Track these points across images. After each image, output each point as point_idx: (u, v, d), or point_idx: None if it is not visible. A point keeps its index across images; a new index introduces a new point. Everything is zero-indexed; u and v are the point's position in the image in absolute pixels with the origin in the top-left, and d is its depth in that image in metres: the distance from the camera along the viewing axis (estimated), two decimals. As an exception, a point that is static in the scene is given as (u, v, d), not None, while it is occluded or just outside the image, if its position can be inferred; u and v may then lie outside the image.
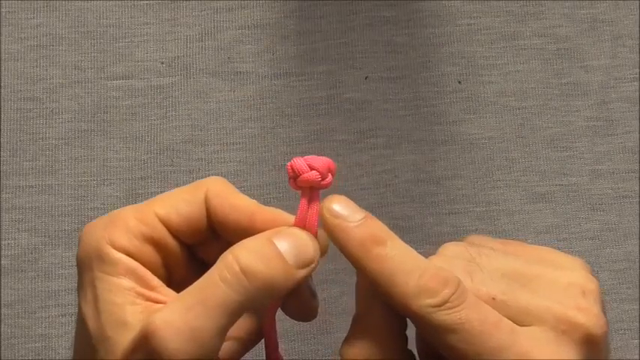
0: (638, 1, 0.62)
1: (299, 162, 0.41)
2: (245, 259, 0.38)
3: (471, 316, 0.38)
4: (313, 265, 0.41)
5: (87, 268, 0.41)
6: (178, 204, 0.42)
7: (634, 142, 0.59)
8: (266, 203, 0.58)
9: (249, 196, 0.58)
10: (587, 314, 0.39)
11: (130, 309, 0.39)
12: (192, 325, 0.37)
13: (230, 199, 0.42)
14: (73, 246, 0.57)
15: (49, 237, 0.58)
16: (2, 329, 0.56)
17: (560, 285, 0.40)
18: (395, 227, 0.58)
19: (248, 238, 0.40)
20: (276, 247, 0.40)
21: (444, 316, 0.38)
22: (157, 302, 0.39)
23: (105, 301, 0.39)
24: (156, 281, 0.40)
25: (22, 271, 0.57)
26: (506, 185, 0.59)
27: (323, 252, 0.42)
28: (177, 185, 0.58)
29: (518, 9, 0.62)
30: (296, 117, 0.60)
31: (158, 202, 0.42)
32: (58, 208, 0.58)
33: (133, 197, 0.58)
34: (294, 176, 0.41)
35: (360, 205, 0.58)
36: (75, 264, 0.57)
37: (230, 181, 0.58)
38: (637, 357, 0.56)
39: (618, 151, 0.59)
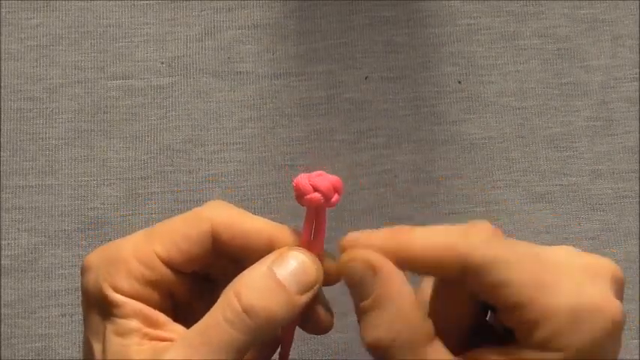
0: (638, 1, 0.62)
1: (303, 182, 0.41)
2: (246, 297, 0.38)
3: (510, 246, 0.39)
4: (316, 288, 0.41)
5: (93, 307, 0.41)
6: (180, 241, 0.41)
7: (634, 142, 0.59)
8: (266, 203, 0.58)
9: (249, 196, 0.58)
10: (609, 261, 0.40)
11: (136, 349, 0.39)
12: None
13: (242, 226, 0.42)
14: (73, 246, 0.57)
15: (49, 237, 0.58)
16: (2, 329, 0.56)
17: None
18: (395, 227, 0.58)
19: (249, 269, 0.40)
20: (277, 278, 0.39)
21: (497, 244, 0.39)
22: (164, 340, 0.40)
23: (112, 342, 0.39)
24: (162, 318, 0.40)
25: (22, 271, 0.57)
26: (506, 185, 0.59)
27: (332, 275, 0.42)
28: (177, 185, 0.58)
29: (518, 9, 0.62)
30: (296, 117, 0.60)
31: (158, 238, 0.41)
32: (58, 208, 0.58)
33: (133, 197, 0.58)
34: (298, 195, 0.41)
35: (360, 206, 0.58)
36: (75, 264, 0.57)
37: (230, 181, 0.59)
38: (637, 357, 0.56)
39: (618, 151, 0.59)
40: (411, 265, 0.40)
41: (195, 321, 0.40)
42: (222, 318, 0.38)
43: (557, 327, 0.38)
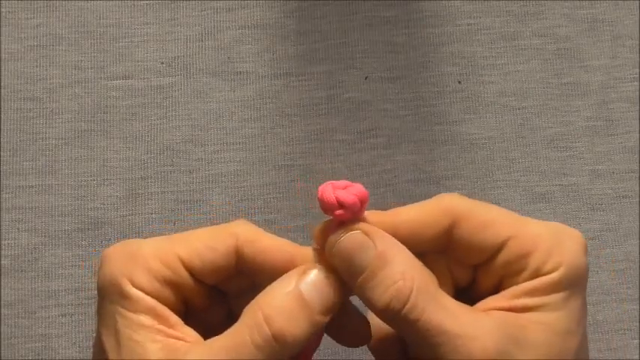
0: (638, 1, 0.62)
1: (328, 195, 0.40)
2: (277, 323, 0.38)
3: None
4: (338, 307, 0.41)
5: (108, 299, 0.41)
6: (203, 251, 0.42)
7: (634, 142, 0.59)
8: (266, 203, 0.58)
9: (249, 196, 0.58)
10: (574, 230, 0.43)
11: (151, 347, 0.39)
12: None
13: (264, 243, 0.42)
14: (73, 246, 0.57)
15: (49, 237, 0.58)
16: (2, 329, 0.56)
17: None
18: (395, 227, 0.58)
19: (275, 287, 0.40)
20: (305, 299, 0.39)
21: (470, 199, 0.43)
22: (177, 339, 0.40)
23: (125, 337, 0.39)
24: (174, 318, 0.41)
25: (22, 271, 0.57)
26: (506, 185, 0.59)
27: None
28: (177, 185, 0.58)
29: (518, 9, 0.62)
30: (296, 117, 0.60)
31: (182, 243, 0.42)
32: (58, 208, 0.58)
33: (133, 197, 0.58)
34: (324, 210, 0.41)
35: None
36: (75, 264, 0.57)
37: (230, 181, 0.59)
38: (637, 357, 0.56)
39: (618, 151, 0.59)
40: (401, 231, 0.41)
41: (203, 327, 0.40)
42: (250, 341, 0.38)
43: (546, 250, 0.40)
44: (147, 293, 0.40)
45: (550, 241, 0.41)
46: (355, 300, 0.42)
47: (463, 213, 0.41)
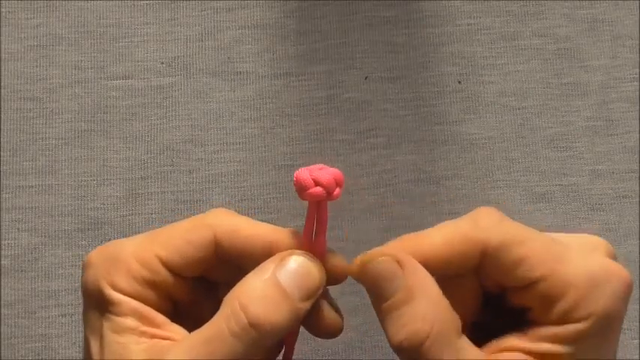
0: (638, 1, 0.62)
1: (304, 175, 0.41)
2: (253, 310, 0.38)
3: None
4: (319, 293, 0.41)
5: (92, 305, 0.41)
6: (182, 247, 0.41)
7: (634, 142, 0.59)
8: (266, 203, 0.58)
9: (249, 196, 0.58)
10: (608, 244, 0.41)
11: (134, 348, 0.39)
12: None
13: (242, 233, 0.42)
14: (73, 246, 0.57)
15: (49, 237, 0.58)
16: (2, 329, 0.56)
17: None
18: (395, 227, 0.58)
19: (251, 276, 0.40)
20: (282, 286, 0.39)
21: (508, 225, 0.40)
22: (163, 338, 0.40)
23: (109, 340, 0.39)
24: (160, 318, 0.40)
25: (22, 271, 0.57)
26: (506, 185, 0.59)
27: (337, 273, 0.42)
28: (177, 185, 0.58)
29: (518, 9, 0.62)
30: (296, 117, 0.60)
31: (161, 242, 0.41)
32: (58, 208, 0.58)
33: (133, 197, 0.58)
34: (300, 190, 0.41)
35: (360, 206, 0.58)
36: (75, 264, 0.57)
37: (230, 181, 0.59)
38: (637, 357, 0.56)
39: (618, 151, 0.59)
40: (431, 262, 0.40)
41: (197, 322, 0.40)
42: (227, 330, 0.38)
43: (578, 296, 0.38)
44: (129, 296, 0.40)
45: (585, 286, 0.38)
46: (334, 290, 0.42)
47: (496, 246, 0.39)
